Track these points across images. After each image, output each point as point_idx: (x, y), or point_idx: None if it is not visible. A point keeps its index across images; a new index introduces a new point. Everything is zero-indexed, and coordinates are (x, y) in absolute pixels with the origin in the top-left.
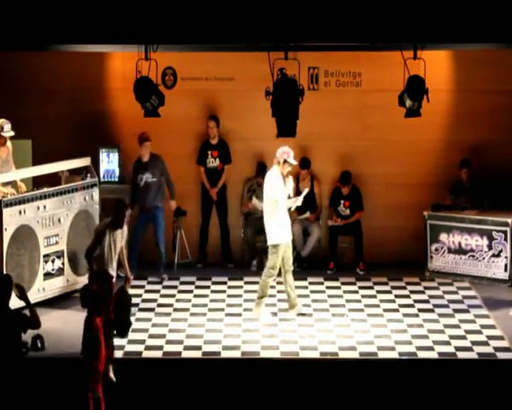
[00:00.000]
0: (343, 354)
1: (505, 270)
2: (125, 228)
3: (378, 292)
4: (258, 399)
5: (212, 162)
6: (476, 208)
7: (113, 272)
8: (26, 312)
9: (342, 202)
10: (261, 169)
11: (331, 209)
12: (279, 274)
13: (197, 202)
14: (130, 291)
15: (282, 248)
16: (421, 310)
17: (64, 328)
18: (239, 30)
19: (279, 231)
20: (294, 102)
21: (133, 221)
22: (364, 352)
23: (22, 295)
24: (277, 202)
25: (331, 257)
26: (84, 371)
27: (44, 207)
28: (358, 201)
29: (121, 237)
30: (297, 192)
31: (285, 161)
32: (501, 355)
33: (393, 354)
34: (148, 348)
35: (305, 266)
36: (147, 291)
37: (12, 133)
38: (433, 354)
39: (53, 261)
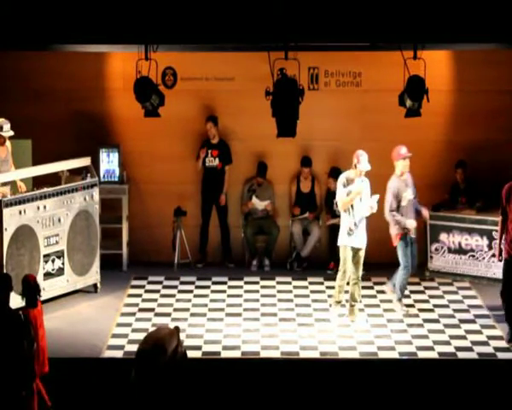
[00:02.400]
0: (343, 354)
1: None
2: None
3: (378, 292)
4: (258, 399)
5: (212, 161)
6: (472, 208)
7: None
8: None
9: (335, 202)
10: (262, 169)
11: (326, 208)
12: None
13: (197, 202)
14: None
15: (343, 251)
16: (421, 310)
17: (64, 328)
18: (239, 30)
19: (342, 234)
20: (294, 102)
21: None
22: (364, 352)
23: None
24: (339, 203)
25: (331, 257)
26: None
27: (44, 207)
28: None
29: None
30: (297, 191)
31: (355, 166)
32: (501, 355)
33: (393, 354)
34: None
35: (306, 266)
36: (147, 291)
37: (11, 133)
38: (433, 354)
39: (53, 261)
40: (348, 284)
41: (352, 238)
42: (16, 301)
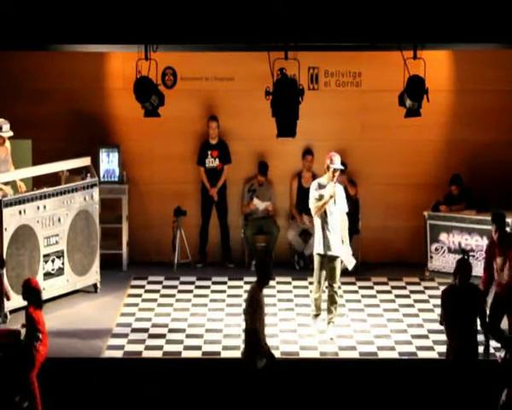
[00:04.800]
0: (343, 354)
1: None
2: None
3: (378, 292)
4: (258, 399)
5: (212, 162)
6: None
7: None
8: None
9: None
10: (263, 168)
11: None
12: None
13: (197, 202)
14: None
15: (318, 260)
16: (421, 310)
17: (64, 328)
18: (239, 30)
19: (316, 242)
20: (294, 102)
21: None
22: (364, 352)
23: None
24: (317, 208)
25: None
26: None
27: (44, 207)
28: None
29: None
30: (299, 187)
31: (328, 167)
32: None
33: (393, 354)
34: (148, 348)
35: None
36: (147, 291)
37: (11, 133)
38: (433, 354)
39: (53, 261)
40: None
41: (328, 247)
42: (18, 301)
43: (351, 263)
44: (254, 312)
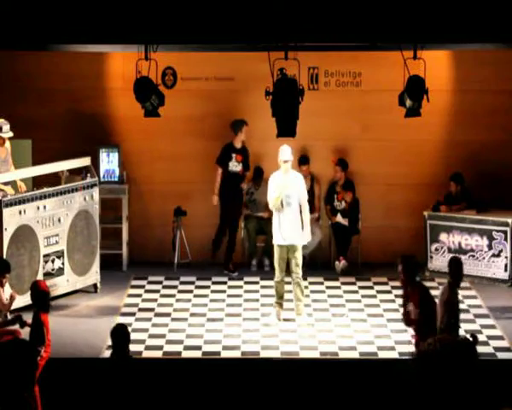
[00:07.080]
0: (343, 354)
1: (505, 270)
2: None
3: (378, 292)
4: (258, 399)
5: (236, 166)
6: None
7: None
8: None
9: (336, 196)
10: (257, 174)
11: (327, 207)
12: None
13: (198, 202)
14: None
15: (280, 250)
16: None
17: (64, 328)
18: (239, 30)
19: (275, 233)
20: (294, 102)
21: None
22: (364, 352)
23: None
24: (272, 202)
25: (341, 252)
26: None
27: (44, 207)
28: (352, 191)
29: None
30: None
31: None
32: (501, 355)
33: (393, 354)
34: (148, 348)
35: (308, 262)
36: (147, 291)
37: (11, 134)
38: None
39: (53, 261)
40: (290, 283)
41: (285, 236)
42: (17, 301)
43: (308, 248)
44: (448, 312)
